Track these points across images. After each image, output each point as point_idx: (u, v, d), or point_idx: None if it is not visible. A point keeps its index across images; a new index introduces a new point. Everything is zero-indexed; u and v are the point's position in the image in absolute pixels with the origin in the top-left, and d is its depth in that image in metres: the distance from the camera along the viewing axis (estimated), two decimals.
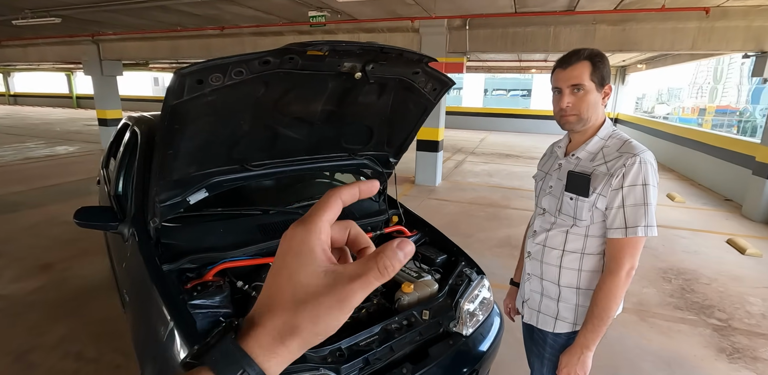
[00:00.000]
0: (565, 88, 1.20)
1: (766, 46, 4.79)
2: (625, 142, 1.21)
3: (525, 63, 12.30)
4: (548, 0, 4.64)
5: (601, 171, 1.18)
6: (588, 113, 1.21)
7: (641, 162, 1.13)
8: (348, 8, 5.22)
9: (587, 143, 1.25)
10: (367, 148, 2.02)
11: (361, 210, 2.15)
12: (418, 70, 1.62)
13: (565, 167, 1.29)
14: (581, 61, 1.18)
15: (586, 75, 1.18)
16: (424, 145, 6.24)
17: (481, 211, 5.09)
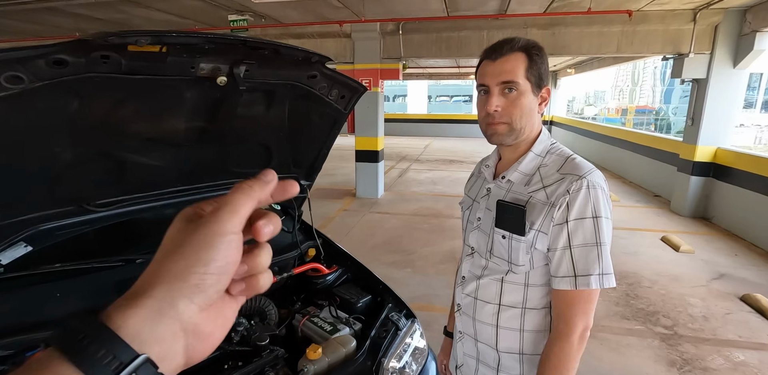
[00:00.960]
0: (494, 86, 0.91)
1: (682, 49, 4.97)
2: (567, 159, 0.93)
3: (464, 69, 12.45)
4: (479, 3, 4.52)
5: (539, 199, 0.90)
6: (522, 122, 0.91)
7: (589, 186, 0.86)
8: (271, 11, 4.82)
9: (520, 161, 0.97)
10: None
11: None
12: (315, 74, 1.28)
13: (494, 194, 1.00)
14: (515, 52, 0.90)
15: (520, 70, 0.89)
16: (363, 156, 5.92)
17: (425, 223, 4.84)
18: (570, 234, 0.86)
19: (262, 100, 1.27)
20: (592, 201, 0.85)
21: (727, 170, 5.07)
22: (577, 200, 0.85)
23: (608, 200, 0.88)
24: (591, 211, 0.85)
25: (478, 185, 1.10)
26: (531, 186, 0.93)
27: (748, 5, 4.56)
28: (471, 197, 1.11)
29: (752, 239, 4.53)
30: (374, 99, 5.75)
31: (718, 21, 4.79)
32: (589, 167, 0.89)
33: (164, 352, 0.24)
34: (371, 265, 1.73)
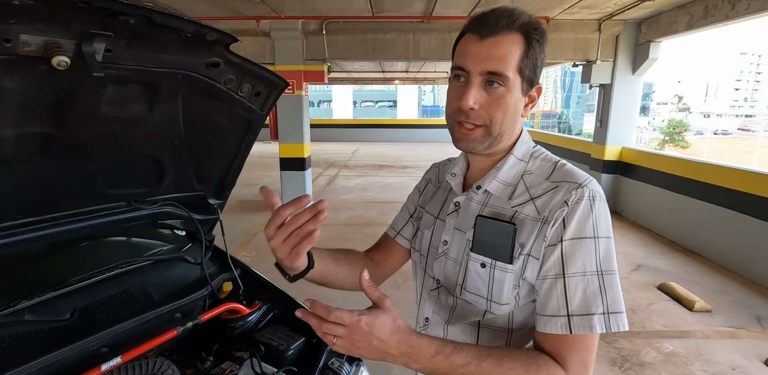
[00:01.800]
0: (476, 75, 0.66)
1: (590, 56, 5.32)
2: (557, 164, 0.74)
3: (388, 74, 12.48)
4: (405, 4, 4.40)
5: (528, 214, 0.69)
6: (502, 127, 0.70)
7: (591, 197, 0.66)
8: (173, 2, 4.26)
9: (499, 167, 0.75)
10: (161, 190, 1.26)
11: (167, 284, 1.36)
12: (217, 61, 0.96)
13: (466, 209, 0.77)
14: (512, 31, 0.66)
15: (514, 58, 0.66)
16: (289, 164, 5.51)
17: (358, 233, 4.58)
18: (565, 257, 0.64)
19: (140, 96, 0.92)
20: (594, 215, 0.65)
21: (631, 167, 5.51)
22: (576, 214, 0.65)
23: (608, 213, 0.68)
24: (592, 229, 0.65)
25: (439, 199, 0.86)
26: (515, 198, 0.72)
27: (643, 18, 4.99)
28: (431, 214, 0.86)
29: (657, 230, 4.94)
30: (298, 103, 5.38)
31: (619, 31, 5.19)
32: (585, 175, 0.70)
33: None
34: (300, 288, 1.43)
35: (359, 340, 0.57)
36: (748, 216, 3.72)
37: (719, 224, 4.01)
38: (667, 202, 4.76)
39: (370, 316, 0.58)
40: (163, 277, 1.39)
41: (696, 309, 3.12)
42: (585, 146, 6.60)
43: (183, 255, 1.49)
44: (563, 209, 0.65)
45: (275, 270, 0.75)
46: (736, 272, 3.78)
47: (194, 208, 1.43)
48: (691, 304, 3.16)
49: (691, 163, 4.57)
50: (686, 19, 4.25)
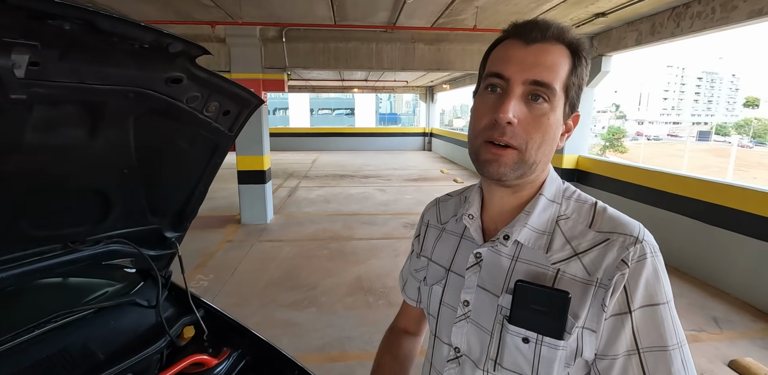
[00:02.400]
0: (518, 84, 0.55)
1: None
2: (596, 208, 0.61)
3: (347, 82, 12.38)
4: (369, 13, 4.31)
5: (574, 275, 0.57)
6: (539, 153, 0.57)
7: (653, 254, 0.55)
8: (116, 3, 3.91)
9: (529, 211, 0.61)
10: (105, 227, 1.06)
11: (114, 337, 1.14)
12: (179, 76, 0.79)
13: (494, 264, 0.63)
14: (561, 43, 0.57)
15: (564, 71, 0.56)
16: (247, 177, 5.21)
17: (324, 249, 4.38)
18: (637, 330, 0.53)
19: (78, 119, 0.73)
20: (661, 276, 0.55)
21: (587, 175, 5.72)
22: (642, 278, 0.54)
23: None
24: (663, 293, 0.54)
25: (448, 245, 0.71)
26: (555, 252, 0.59)
27: (595, 33, 5.22)
28: (440, 265, 0.72)
29: None
30: (257, 113, 5.11)
31: None
32: (635, 222, 0.59)
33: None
34: (268, 311, 1.30)
35: None
36: (697, 221, 3.92)
37: (671, 229, 4.21)
38: (622, 208, 4.88)
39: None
40: (110, 329, 1.17)
41: None
42: None
43: (134, 298, 1.26)
44: (623, 272, 0.54)
45: (243, 302, 0.62)
46: (689, 274, 3.96)
47: (147, 243, 1.22)
48: None
49: (642, 171, 4.79)
50: (635, 35, 4.47)
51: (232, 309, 3.08)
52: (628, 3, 3.83)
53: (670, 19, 3.95)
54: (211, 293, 3.28)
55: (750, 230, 3.39)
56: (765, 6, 3.03)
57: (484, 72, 0.60)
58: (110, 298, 1.28)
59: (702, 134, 67.70)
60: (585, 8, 4.09)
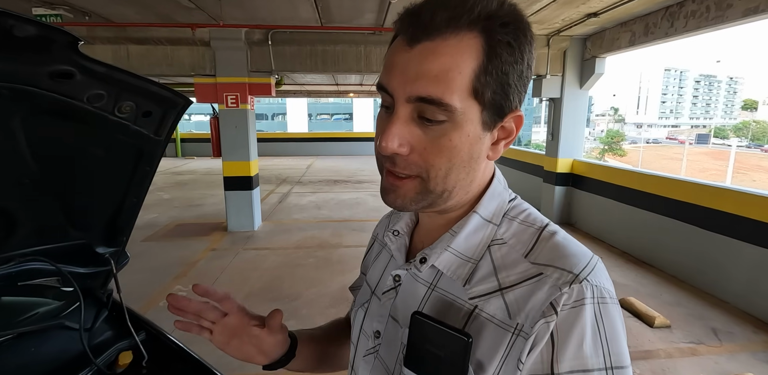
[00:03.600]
0: (401, 102, 0.42)
1: (540, 70, 5.40)
2: (542, 233, 0.47)
3: (342, 87, 12.31)
4: (354, 15, 4.22)
5: (493, 314, 0.44)
6: (447, 181, 0.45)
7: (595, 299, 0.41)
8: (95, 6, 3.82)
9: (455, 232, 0.49)
10: (16, 244, 0.93)
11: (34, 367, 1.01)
12: (69, 70, 0.67)
13: (410, 290, 0.52)
14: (460, 30, 0.40)
15: (463, 74, 0.40)
16: (233, 183, 5.08)
17: (310, 257, 4.25)
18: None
19: None
20: (603, 332, 0.40)
21: (582, 179, 5.60)
22: (575, 330, 0.40)
23: (623, 324, 0.43)
24: (602, 354, 0.40)
25: (380, 264, 0.61)
26: (476, 284, 0.46)
27: (588, 34, 5.13)
28: (369, 285, 0.61)
29: (610, 241, 4.99)
30: (243, 117, 5.01)
31: (567, 47, 5.30)
32: (584, 254, 0.45)
33: None
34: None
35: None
36: (694, 226, 3.79)
37: (668, 235, 4.08)
38: (618, 213, 4.84)
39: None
40: (29, 357, 1.04)
41: (656, 325, 3.08)
42: (538, 159, 6.68)
43: (62, 321, 1.14)
44: (550, 318, 0.40)
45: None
46: (687, 282, 3.83)
47: (75, 259, 1.10)
48: (651, 320, 3.11)
49: (638, 175, 4.68)
50: (628, 36, 4.38)
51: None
52: (620, 2, 3.74)
53: (664, 18, 3.86)
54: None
55: (749, 236, 3.26)
56: (761, 4, 2.93)
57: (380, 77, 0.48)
58: (37, 321, 1.15)
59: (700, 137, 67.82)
60: (576, 8, 3.99)
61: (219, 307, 0.59)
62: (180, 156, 14.36)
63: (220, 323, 0.58)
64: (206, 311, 0.58)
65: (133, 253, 1.28)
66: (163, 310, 3.19)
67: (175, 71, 5.00)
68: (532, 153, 7.38)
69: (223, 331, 0.58)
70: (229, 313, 0.59)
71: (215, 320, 0.58)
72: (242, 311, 0.59)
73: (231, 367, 2.46)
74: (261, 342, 0.58)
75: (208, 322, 0.58)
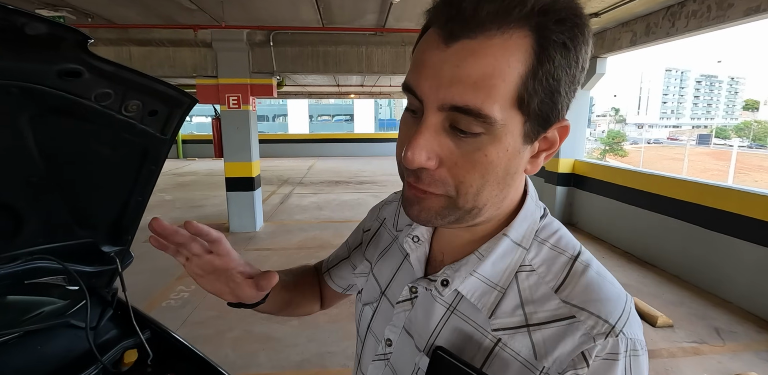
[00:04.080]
0: (432, 110, 0.37)
1: None
2: (574, 264, 0.44)
3: (344, 88, 12.32)
4: (356, 16, 4.23)
5: (519, 351, 0.42)
6: (478, 199, 0.40)
7: (629, 352, 0.39)
8: (98, 8, 3.84)
9: (483, 255, 0.46)
10: (23, 243, 0.94)
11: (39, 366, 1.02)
12: (77, 69, 0.68)
13: (427, 307, 0.49)
14: (508, 27, 0.33)
15: (508, 81, 0.34)
16: (235, 184, 5.09)
17: (312, 258, 4.25)
18: None
19: None
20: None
21: (584, 179, 5.60)
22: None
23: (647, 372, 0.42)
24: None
25: (393, 263, 0.57)
26: (501, 315, 0.43)
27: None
28: (378, 282, 0.58)
29: (612, 241, 4.99)
30: (245, 118, 5.02)
31: None
32: (619, 298, 0.42)
33: None
34: (247, 325, 1.19)
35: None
36: (696, 225, 3.79)
37: (669, 234, 4.08)
38: (620, 213, 4.84)
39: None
40: (35, 355, 1.05)
41: (659, 325, 3.07)
42: None
43: (68, 319, 1.14)
44: (581, 371, 0.38)
45: (223, 315, 0.57)
46: (690, 282, 3.82)
47: (81, 258, 1.10)
48: (654, 320, 3.11)
49: (639, 175, 4.67)
50: (629, 36, 4.38)
51: (211, 322, 2.97)
52: (621, 2, 3.74)
53: (665, 18, 3.86)
54: (191, 305, 3.15)
55: (752, 236, 3.26)
56: (762, 3, 2.93)
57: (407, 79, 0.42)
58: (43, 320, 1.15)
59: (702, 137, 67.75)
60: None
61: (206, 246, 0.52)
62: (181, 157, 14.39)
63: (203, 258, 0.52)
64: (190, 245, 0.51)
65: (135, 254, 1.28)
66: (166, 310, 3.21)
67: (177, 72, 5.02)
68: None
69: (203, 265, 0.53)
70: (217, 255, 0.53)
71: (198, 254, 0.52)
72: (230, 255, 0.53)
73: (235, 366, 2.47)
74: (239, 289, 0.54)
75: (187, 252, 0.53)
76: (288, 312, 0.71)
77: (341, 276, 0.71)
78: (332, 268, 0.73)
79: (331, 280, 0.72)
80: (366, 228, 0.69)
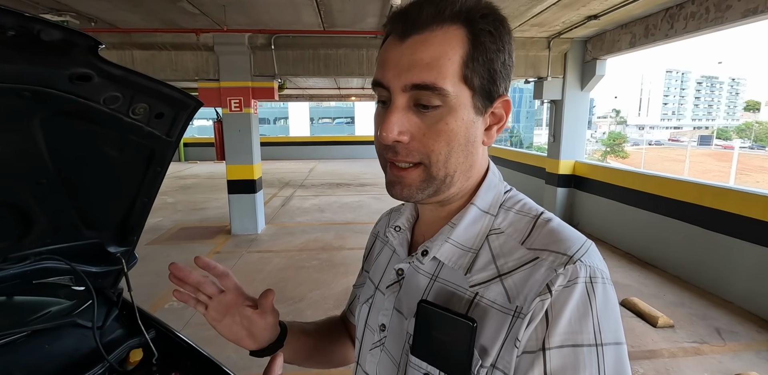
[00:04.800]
0: (398, 92, 0.46)
1: (541, 73, 5.42)
2: (537, 220, 0.50)
3: (344, 91, 12.36)
4: (356, 19, 4.27)
5: (494, 300, 0.46)
6: (448, 165, 0.47)
7: (589, 278, 0.43)
8: (101, 12, 3.88)
9: (454, 224, 0.52)
10: (31, 243, 0.96)
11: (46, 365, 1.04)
12: (88, 73, 0.70)
13: (412, 283, 0.54)
14: (444, 23, 0.44)
15: (452, 61, 0.44)
16: (237, 187, 5.12)
17: (314, 259, 4.27)
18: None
19: None
20: (594, 309, 0.42)
21: (584, 181, 5.61)
22: (566, 306, 0.42)
23: (616, 302, 0.45)
24: (592, 331, 0.41)
25: (383, 260, 0.63)
26: (476, 272, 0.48)
27: (589, 36, 5.16)
28: (372, 281, 0.63)
29: (613, 242, 4.99)
30: (247, 121, 5.05)
31: (567, 49, 5.33)
32: (579, 238, 0.47)
33: None
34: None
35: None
36: (696, 226, 3.80)
37: (670, 235, 4.08)
38: (620, 214, 4.84)
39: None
40: (42, 354, 1.06)
41: (659, 325, 3.08)
42: (539, 161, 6.69)
43: (74, 318, 1.16)
44: (545, 297, 0.42)
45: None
46: (690, 282, 3.83)
47: (88, 259, 1.12)
48: (655, 320, 3.12)
49: (639, 176, 4.68)
50: (629, 37, 4.41)
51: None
52: (620, 5, 3.77)
53: (664, 20, 3.89)
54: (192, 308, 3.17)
55: (752, 236, 3.27)
56: (760, 5, 2.96)
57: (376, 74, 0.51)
58: (50, 319, 1.17)
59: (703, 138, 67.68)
60: (577, 11, 4.02)
61: (217, 284, 0.60)
62: (183, 160, 14.43)
63: (216, 299, 0.59)
64: (205, 285, 0.59)
65: (138, 256, 1.30)
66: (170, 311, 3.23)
67: (180, 76, 5.06)
68: (534, 155, 7.39)
69: (218, 307, 0.59)
70: (225, 290, 0.60)
71: (212, 295, 0.59)
72: (238, 290, 0.60)
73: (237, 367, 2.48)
74: (251, 323, 0.59)
75: (204, 297, 0.60)
76: (319, 360, 0.74)
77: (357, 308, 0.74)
78: (351, 306, 0.77)
79: (352, 315, 0.75)
80: (366, 249, 0.74)
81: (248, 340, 0.60)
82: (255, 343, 0.61)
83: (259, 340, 0.61)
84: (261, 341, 0.61)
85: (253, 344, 0.61)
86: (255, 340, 0.61)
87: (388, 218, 0.70)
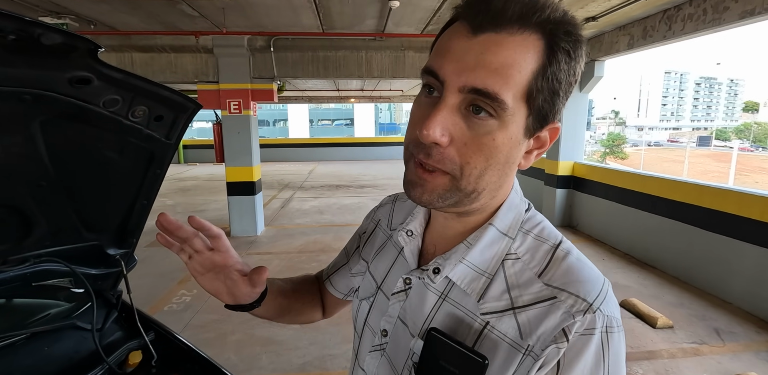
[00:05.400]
0: (452, 90, 0.41)
1: None
2: (556, 251, 0.48)
3: (344, 92, 12.39)
4: (355, 21, 4.28)
5: (506, 332, 0.45)
6: (480, 182, 0.44)
7: (605, 328, 0.43)
8: (100, 15, 3.89)
9: (471, 244, 0.49)
10: (31, 245, 0.96)
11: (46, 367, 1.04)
12: (87, 76, 0.71)
13: (420, 296, 0.52)
14: (527, 28, 0.39)
15: (523, 73, 0.40)
16: (236, 189, 5.12)
17: (313, 261, 4.27)
18: None
19: None
20: (607, 361, 0.42)
21: (584, 182, 5.62)
22: (582, 357, 0.42)
23: (624, 352, 0.45)
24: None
25: (386, 256, 0.61)
26: (489, 300, 0.47)
27: (587, 38, 5.17)
28: (374, 278, 0.61)
29: (612, 243, 5.00)
30: (246, 123, 5.06)
31: None
32: (597, 279, 0.45)
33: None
34: (249, 328, 1.20)
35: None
36: (695, 227, 3.80)
37: (669, 236, 4.09)
38: (620, 215, 4.85)
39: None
40: (42, 356, 1.07)
41: (659, 325, 3.08)
42: (539, 162, 6.67)
43: (74, 321, 1.16)
44: (560, 345, 0.42)
45: (225, 319, 0.59)
46: (689, 283, 3.83)
47: (87, 261, 1.13)
48: (654, 321, 3.12)
49: (639, 177, 4.69)
50: (627, 39, 4.42)
51: (213, 325, 2.98)
52: (619, 6, 3.78)
53: (662, 22, 3.90)
54: (193, 309, 3.17)
55: (751, 237, 3.27)
56: (757, 6, 2.97)
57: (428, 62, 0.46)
58: (49, 321, 1.17)
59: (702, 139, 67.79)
60: (575, 12, 4.03)
61: (207, 242, 0.57)
62: (182, 162, 14.44)
63: (204, 255, 0.57)
64: (193, 240, 0.56)
65: (138, 258, 1.30)
66: (169, 313, 3.22)
67: (179, 78, 5.07)
68: None
69: (203, 262, 0.57)
70: (216, 250, 0.57)
71: (199, 250, 0.56)
72: (229, 252, 0.57)
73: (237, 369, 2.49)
74: (235, 287, 0.58)
75: (190, 249, 0.57)
76: (287, 319, 0.73)
77: (341, 281, 0.73)
78: (332, 275, 0.75)
79: (332, 286, 0.74)
80: (362, 231, 0.72)
81: (227, 296, 0.59)
82: (233, 300, 0.59)
83: (237, 299, 0.59)
84: (239, 301, 0.60)
85: (231, 300, 0.60)
86: (233, 298, 0.59)
87: (391, 207, 0.68)
